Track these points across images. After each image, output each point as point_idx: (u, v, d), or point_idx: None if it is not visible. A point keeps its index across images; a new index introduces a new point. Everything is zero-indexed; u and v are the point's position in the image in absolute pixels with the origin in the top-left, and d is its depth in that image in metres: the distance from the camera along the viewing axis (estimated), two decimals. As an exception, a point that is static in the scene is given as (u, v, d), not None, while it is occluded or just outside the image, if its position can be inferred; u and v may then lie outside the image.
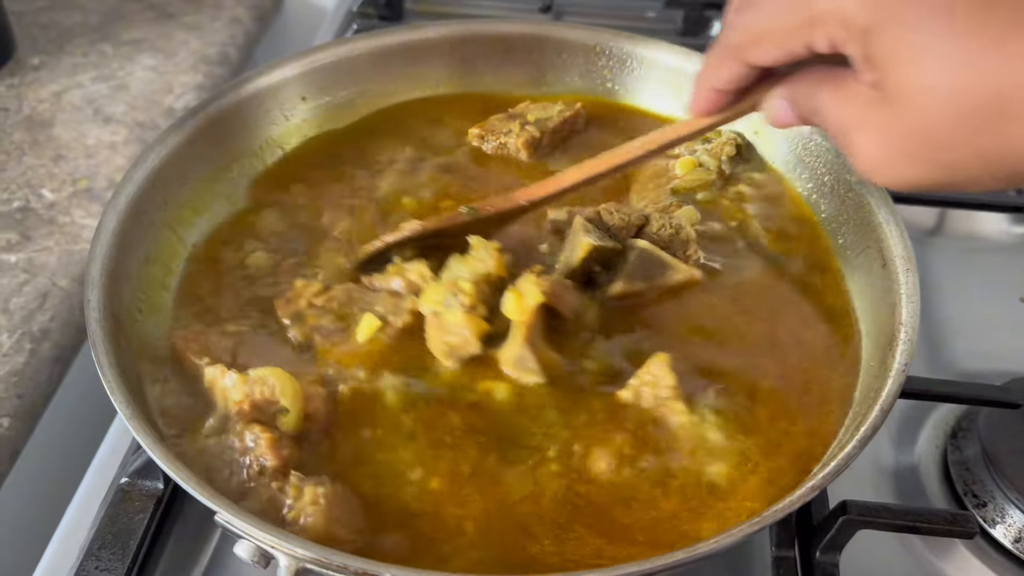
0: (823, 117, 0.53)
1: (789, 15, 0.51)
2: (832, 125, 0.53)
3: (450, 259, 0.69)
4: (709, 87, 0.60)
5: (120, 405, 0.58)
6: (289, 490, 0.58)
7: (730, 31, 0.57)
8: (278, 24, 1.42)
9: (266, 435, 0.60)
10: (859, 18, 0.47)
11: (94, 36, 1.23)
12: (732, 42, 0.56)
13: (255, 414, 0.61)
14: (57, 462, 0.89)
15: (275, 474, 0.59)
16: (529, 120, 0.87)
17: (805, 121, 0.57)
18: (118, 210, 0.71)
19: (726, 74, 0.58)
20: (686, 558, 0.52)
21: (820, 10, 0.49)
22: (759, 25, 0.53)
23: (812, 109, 0.54)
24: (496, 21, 0.95)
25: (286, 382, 0.62)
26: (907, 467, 0.79)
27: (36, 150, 1.04)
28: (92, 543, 0.66)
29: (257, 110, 0.85)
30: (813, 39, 0.50)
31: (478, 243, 0.69)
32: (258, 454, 0.60)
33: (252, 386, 0.62)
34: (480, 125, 0.88)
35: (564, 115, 0.88)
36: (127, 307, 0.68)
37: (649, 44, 0.90)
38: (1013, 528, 0.73)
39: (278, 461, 0.59)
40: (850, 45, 0.49)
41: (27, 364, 0.84)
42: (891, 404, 0.60)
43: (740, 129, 0.87)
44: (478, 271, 0.67)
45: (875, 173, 0.51)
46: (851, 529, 0.66)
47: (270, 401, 0.61)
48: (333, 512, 0.57)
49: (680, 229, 0.75)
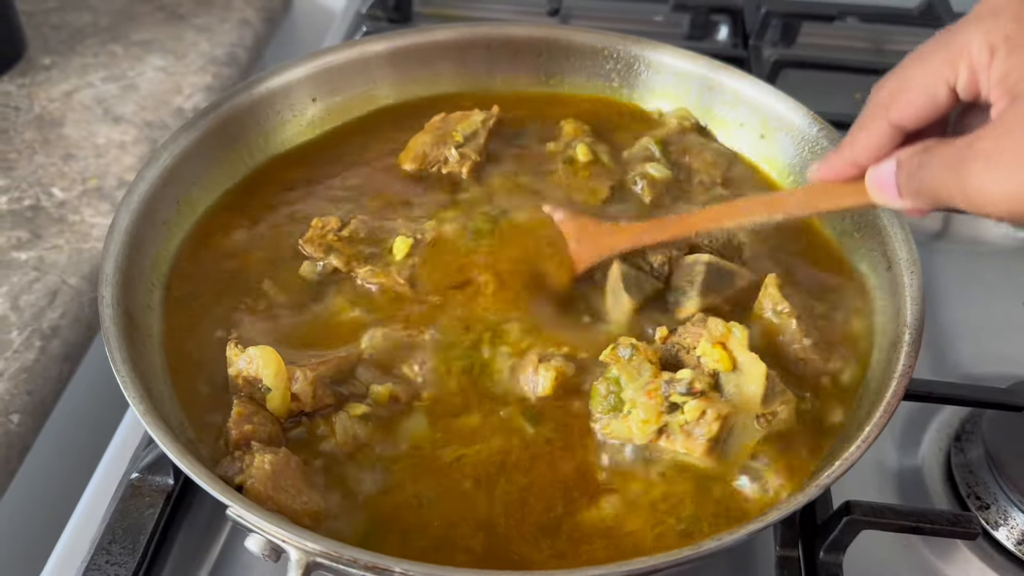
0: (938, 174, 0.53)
1: (933, 53, 0.54)
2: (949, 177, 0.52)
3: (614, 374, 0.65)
4: (846, 160, 0.61)
5: (134, 401, 0.59)
6: (246, 458, 0.59)
7: (875, 92, 0.58)
8: (287, 26, 1.43)
9: (236, 409, 0.62)
10: (999, 40, 0.50)
11: (104, 36, 1.24)
12: (875, 101, 0.58)
13: (248, 389, 0.64)
14: (66, 458, 0.89)
15: (237, 444, 0.61)
16: (458, 140, 0.85)
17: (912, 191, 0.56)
18: (131, 209, 0.72)
19: (866, 138, 0.59)
20: (692, 555, 0.53)
21: (962, 40, 0.52)
22: (903, 74, 0.56)
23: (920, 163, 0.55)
24: (504, 24, 0.95)
25: (269, 362, 0.63)
26: (911, 469, 0.79)
27: (46, 149, 1.05)
28: (103, 537, 0.67)
29: (268, 111, 0.86)
30: (957, 72, 0.53)
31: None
32: (227, 426, 0.62)
33: (246, 363, 0.64)
34: (410, 153, 0.85)
35: (489, 125, 0.87)
36: (139, 304, 0.69)
37: (656, 47, 0.91)
38: (1016, 530, 0.73)
39: (237, 433, 0.61)
40: (990, 70, 0.51)
41: (37, 361, 0.84)
42: (895, 405, 0.60)
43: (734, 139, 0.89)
44: (639, 370, 0.64)
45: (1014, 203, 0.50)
46: (855, 529, 0.67)
47: (257, 378, 0.64)
48: (278, 479, 0.58)
49: (732, 235, 0.75)
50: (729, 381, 0.64)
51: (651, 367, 0.63)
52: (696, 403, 0.61)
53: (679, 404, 0.62)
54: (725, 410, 0.62)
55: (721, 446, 0.63)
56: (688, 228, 0.72)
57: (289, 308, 0.73)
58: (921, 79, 0.55)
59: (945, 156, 0.53)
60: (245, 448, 0.60)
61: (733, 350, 0.64)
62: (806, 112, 0.83)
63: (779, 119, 0.85)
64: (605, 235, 0.74)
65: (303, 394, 0.64)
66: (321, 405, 0.65)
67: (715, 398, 0.62)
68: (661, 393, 0.62)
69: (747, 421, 0.63)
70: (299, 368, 0.64)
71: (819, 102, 0.89)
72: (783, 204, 0.68)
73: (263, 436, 0.62)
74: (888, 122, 0.58)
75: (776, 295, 0.70)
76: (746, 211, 0.69)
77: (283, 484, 0.58)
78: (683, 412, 0.62)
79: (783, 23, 1.26)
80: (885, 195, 0.59)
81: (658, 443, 0.63)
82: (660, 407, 0.62)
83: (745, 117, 0.87)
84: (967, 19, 0.54)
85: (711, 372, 0.64)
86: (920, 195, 0.55)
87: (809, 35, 1.28)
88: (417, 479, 0.63)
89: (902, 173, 0.57)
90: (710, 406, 0.61)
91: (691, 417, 0.61)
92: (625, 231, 0.74)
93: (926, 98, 0.55)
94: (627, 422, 0.63)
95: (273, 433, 0.63)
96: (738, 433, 0.63)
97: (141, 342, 0.66)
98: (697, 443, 0.62)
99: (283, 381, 0.63)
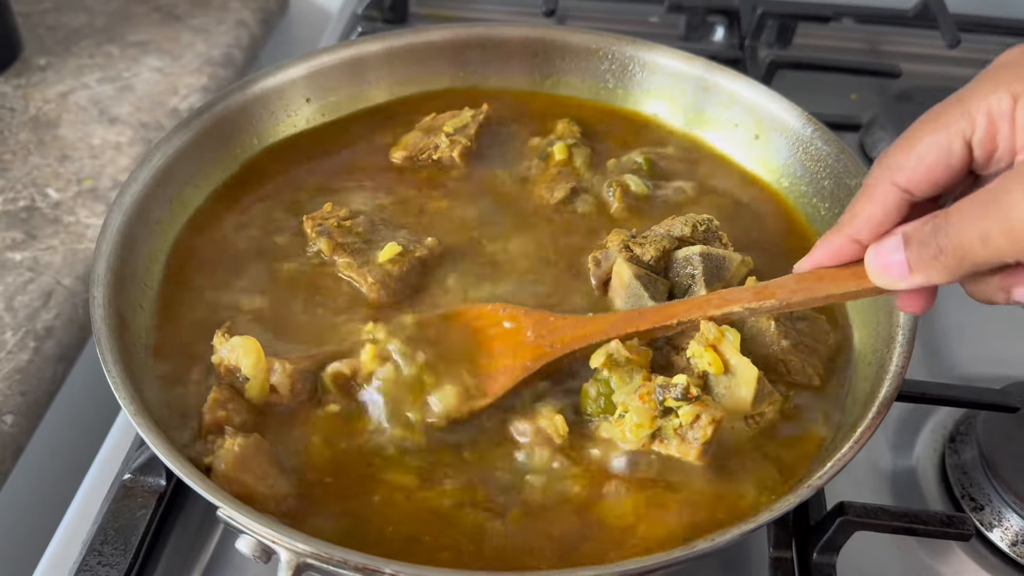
0: (966, 226, 0.49)
1: (947, 109, 0.52)
2: (983, 222, 0.48)
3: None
4: (844, 237, 0.56)
5: (124, 401, 0.59)
6: (217, 441, 0.61)
7: (881, 157, 0.55)
8: (283, 26, 1.43)
9: (212, 395, 0.64)
10: (1022, 88, 0.49)
11: (100, 38, 1.24)
12: (881, 164, 0.54)
13: (229, 377, 0.66)
14: (60, 459, 0.89)
15: (210, 429, 0.63)
16: (449, 132, 0.86)
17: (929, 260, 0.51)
18: (123, 209, 0.72)
19: (869, 208, 0.55)
20: (684, 555, 0.52)
21: (980, 93, 0.51)
22: (913, 134, 0.53)
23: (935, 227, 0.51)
24: (499, 25, 0.95)
25: (249, 351, 0.65)
26: (905, 470, 0.79)
27: (42, 150, 1.05)
28: (95, 538, 0.67)
29: (262, 111, 0.86)
30: (974, 123, 0.51)
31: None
32: (202, 411, 0.64)
33: (228, 351, 0.65)
34: (401, 147, 0.87)
35: (479, 119, 0.88)
36: (131, 304, 0.69)
37: (651, 48, 0.91)
38: (1010, 531, 0.73)
39: (210, 418, 0.63)
40: (1014, 115, 0.50)
41: (31, 362, 0.84)
42: (888, 405, 0.60)
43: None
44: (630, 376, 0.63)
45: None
46: (848, 530, 0.67)
47: (237, 367, 0.65)
48: (246, 462, 0.59)
49: (708, 223, 0.75)
50: (719, 383, 0.64)
51: (642, 371, 0.63)
52: (691, 407, 0.61)
53: (673, 408, 0.61)
54: (719, 414, 0.61)
55: (712, 450, 0.63)
56: (668, 317, 0.66)
57: (283, 304, 0.73)
58: (934, 135, 0.52)
59: (970, 206, 0.49)
60: (218, 433, 0.62)
61: (725, 353, 0.64)
62: (801, 113, 0.83)
63: (773, 120, 0.85)
64: (571, 327, 0.67)
65: (281, 385, 0.65)
66: (299, 398, 0.66)
67: (709, 402, 0.62)
68: (655, 397, 0.62)
69: (736, 423, 0.64)
70: (279, 360, 0.65)
71: (815, 103, 0.90)
72: (772, 292, 0.62)
73: (237, 423, 0.63)
74: (895, 186, 0.53)
75: None
76: (734, 299, 0.64)
77: (250, 467, 0.59)
78: (677, 416, 0.61)
79: (779, 24, 1.26)
80: (890, 275, 0.53)
81: (652, 447, 0.63)
82: (654, 411, 0.62)
83: (740, 118, 0.87)
84: (981, 76, 0.52)
85: (700, 374, 0.64)
86: (940, 261, 0.50)
87: (805, 36, 1.28)
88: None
89: (912, 246, 0.52)
90: (704, 410, 0.61)
91: (685, 421, 0.61)
92: (592, 323, 0.67)
93: (939, 154, 0.52)
94: (620, 426, 0.63)
95: (248, 421, 0.64)
96: (728, 434, 0.64)
97: (132, 343, 0.66)
98: (691, 447, 0.62)
99: (262, 371, 0.65)
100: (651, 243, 0.73)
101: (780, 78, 1.15)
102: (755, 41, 1.23)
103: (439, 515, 0.61)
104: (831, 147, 0.81)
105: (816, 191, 0.82)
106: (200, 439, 0.63)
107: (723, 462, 0.63)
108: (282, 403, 0.65)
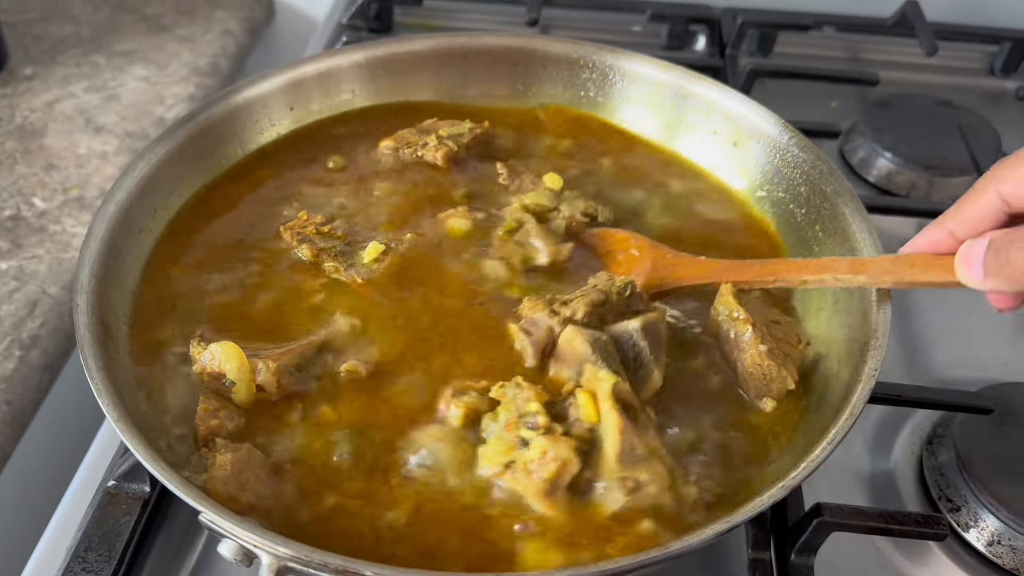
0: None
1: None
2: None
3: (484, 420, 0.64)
4: (944, 230, 0.60)
5: (107, 408, 0.59)
6: (210, 457, 0.61)
7: (994, 166, 0.58)
8: (269, 36, 1.44)
9: (201, 405, 0.64)
10: None
11: (87, 47, 1.24)
12: (990, 172, 0.57)
13: (214, 385, 0.66)
14: (45, 468, 0.89)
15: (204, 441, 0.63)
16: (442, 135, 0.88)
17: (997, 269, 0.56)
18: (107, 217, 0.73)
19: (970, 209, 0.58)
20: (660, 555, 0.53)
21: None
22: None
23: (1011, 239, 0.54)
24: (481, 34, 0.96)
25: (231, 356, 0.65)
26: (884, 473, 0.80)
27: (28, 159, 1.06)
28: (79, 545, 0.67)
29: (245, 120, 0.87)
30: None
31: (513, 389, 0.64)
32: (195, 423, 0.64)
33: (209, 359, 0.65)
34: (392, 138, 0.89)
35: (475, 132, 0.89)
36: (115, 312, 0.70)
37: (630, 57, 0.92)
38: (986, 532, 0.74)
39: (204, 429, 0.63)
40: None
41: (16, 371, 0.85)
42: (861, 407, 0.61)
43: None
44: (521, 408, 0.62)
45: None
46: (825, 531, 0.68)
47: (221, 373, 0.65)
48: (239, 476, 0.60)
49: (630, 287, 0.71)
50: (600, 434, 0.61)
51: (538, 406, 0.61)
52: (542, 441, 0.59)
53: (528, 440, 0.60)
54: (566, 454, 0.59)
55: (561, 493, 0.60)
56: (768, 274, 0.71)
57: (253, 302, 0.74)
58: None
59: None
60: (211, 445, 0.62)
61: (600, 400, 0.61)
62: (777, 120, 0.84)
63: (751, 127, 0.86)
64: (683, 266, 0.75)
65: (268, 384, 0.65)
66: (287, 393, 0.66)
67: (559, 439, 0.60)
68: (515, 428, 0.61)
69: (612, 483, 0.60)
70: (261, 360, 0.66)
71: (796, 111, 0.91)
72: (866, 268, 0.66)
73: (230, 430, 0.64)
74: (997, 193, 0.56)
75: (731, 302, 0.71)
76: (830, 268, 0.68)
77: (244, 481, 0.60)
78: (530, 449, 0.60)
79: (760, 33, 1.27)
80: (970, 272, 0.57)
81: (503, 477, 0.61)
82: (512, 441, 0.61)
83: (718, 125, 0.88)
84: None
85: (588, 425, 0.61)
86: (1006, 272, 0.54)
87: (786, 44, 1.30)
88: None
89: (991, 250, 0.55)
90: (552, 446, 0.59)
91: (535, 455, 0.59)
92: (702, 265, 0.75)
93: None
94: (485, 450, 0.62)
95: (241, 426, 0.64)
96: (600, 493, 0.60)
97: (116, 350, 0.67)
98: (533, 482, 0.59)
99: (246, 374, 0.65)
100: (578, 301, 0.69)
101: (761, 86, 1.16)
102: (736, 50, 1.25)
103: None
104: (807, 154, 0.82)
105: (793, 197, 0.83)
106: (196, 453, 0.63)
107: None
108: (271, 399, 0.66)
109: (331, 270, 0.75)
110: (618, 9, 1.30)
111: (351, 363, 0.68)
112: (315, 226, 0.78)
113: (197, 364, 0.66)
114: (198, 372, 0.66)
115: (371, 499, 0.62)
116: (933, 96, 1.18)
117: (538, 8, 1.23)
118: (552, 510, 0.59)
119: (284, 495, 0.62)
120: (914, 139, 1.11)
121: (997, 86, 1.28)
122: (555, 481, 0.59)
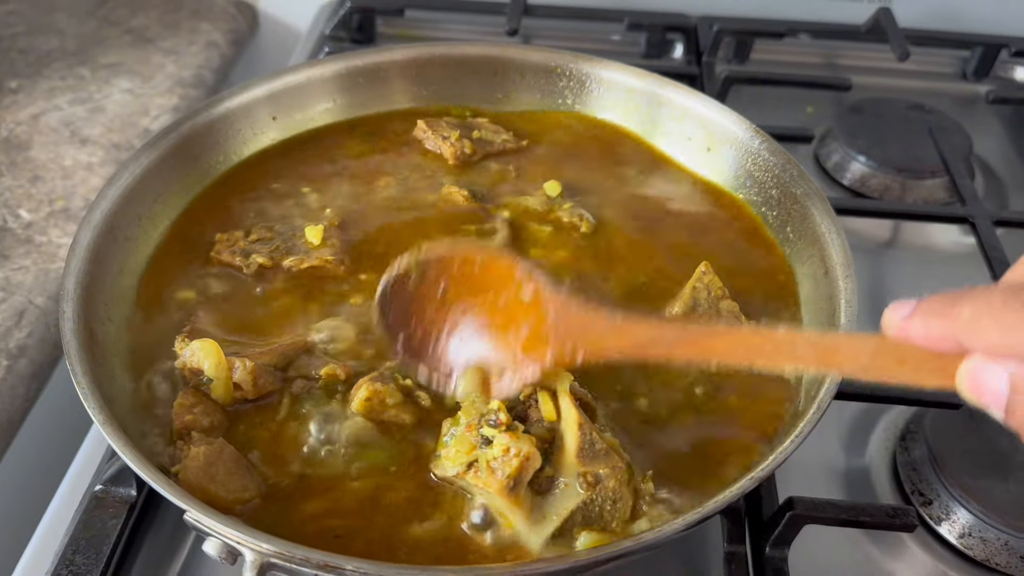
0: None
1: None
2: None
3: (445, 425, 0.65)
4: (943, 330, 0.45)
5: (93, 411, 0.60)
6: (184, 449, 0.63)
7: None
8: (253, 47, 1.45)
9: (178, 400, 0.66)
10: None
11: (72, 60, 1.26)
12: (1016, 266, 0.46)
13: (193, 380, 0.68)
14: (33, 476, 0.90)
15: (179, 434, 0.65)
16: (473, 136, 0.91)
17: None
18: (92, 226, 0.74)
19: (983, 312, 0.43)
20: (632, 546, 0.55)
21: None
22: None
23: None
24: (460, 44, 0.98)
25: (209, 353, 0.67)
26: (858, 468, 0.82)
27: (13, 171, 1.07)
28: (66, 549, 0.68)
29: (228, 130, 0.88)
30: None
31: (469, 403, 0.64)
32: (172, 416, 0.66)
33: (189, 355, 0.67)
34: (429, 121, 0.92)
35: (506, 144, 0.92)
36: (100, 317, 0.71)
37: (606, 65, 0.94)
38: (957, 524, 0.76)
39: (179, 423, 0.65)
40: None
41: (3, 380, 0.85)
42: (828, 402, 0.63)
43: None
44: (482, 409, 0.63)
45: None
46: (798, 524, 0.69)
47: (199, 370, 0.67)
48: (210, 468, 0.61)
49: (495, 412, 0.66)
50: (560, 431, 0.62)
51: (498, 404, 0.62)
52: (504, 438, 0.60)
53: (490, 439, 0.60)
54: (528, 449, 0.59)
55: (523, 489, 0.60)
56: (707, 353, 0.56)
57: (240, 302, 0.77)
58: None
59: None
60: (187, 438, 0.64)
61: (559, 396, 0.62)
62: (748, 125, 0.86)
63: (724, 132, 0.88)
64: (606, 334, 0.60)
65: (244, 383, 0.67)
66: (264, 392, 0.68)
67: (520, 436, 0.60)
68: (476, 428, 0.61)
69: (572, 479, 0.60)
70: (239, 358, 0.67)
71: (772, 116, 0.93)
72: (840, 362, 0.52)
73: (204, 425, 0.65)
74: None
75: (715, 280, 0.73)
76: (788, 352, 0.53)
77: (214, 473, 0.61)
78: (492, 447, 0.60)
79: (736, 40, 1.30)
80: (983, 401, 0.45)
81: (466, 477, 0.61)
82: (474, 440, 0.61)
83: (692, 131, 0.90)
84: None
85: (548, 424, 0.62)
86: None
87: (763, 52, 1.32)
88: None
89: (1018, 396, 0.43)
90: (515, 442, 0.59)
91: (497, 453, 0.60)
92: (626, 332, 0.59)
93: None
94: (447, 452, 0.63)
95: (215, 422, 0.66)
96: (560, 491, 0.61)
97: (102, 354, 0.68)
98: (495, 479, 0.59)
99: (224, 371, 0.66)
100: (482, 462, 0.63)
101: (738, 93, 1.19)
102: (712, 57, 1.27)
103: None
104: (778, 158, 0.84)
105: (764, 200, 0.85)
106: (171, 445, 0.65)
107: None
108: (248, 399, 0.68)
109: (295, 263, 0.78)
110: (596, 19, 1.32)
111: (330, 367, 0.69)
112: (242, 240, 0.80)
113: (179, 359, 0.68)
114: (179, 367, 0.68)
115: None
116: (906, 100, 1.21)
117: (518, 18, 1.25)
118: (515, 505, 0.60)
119: (251, 490, 0.63)
120: (887, 143, 1.13)
121: (969, 90, 1.31)
122: (518, 477, 0.59)
